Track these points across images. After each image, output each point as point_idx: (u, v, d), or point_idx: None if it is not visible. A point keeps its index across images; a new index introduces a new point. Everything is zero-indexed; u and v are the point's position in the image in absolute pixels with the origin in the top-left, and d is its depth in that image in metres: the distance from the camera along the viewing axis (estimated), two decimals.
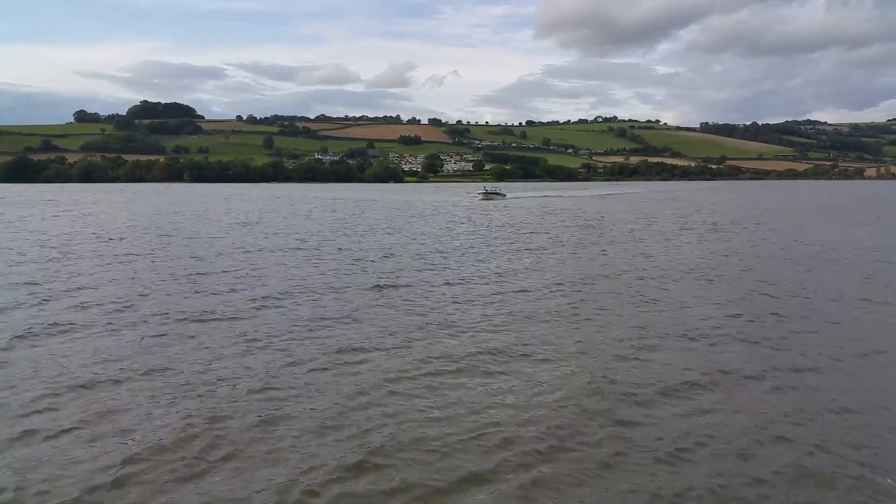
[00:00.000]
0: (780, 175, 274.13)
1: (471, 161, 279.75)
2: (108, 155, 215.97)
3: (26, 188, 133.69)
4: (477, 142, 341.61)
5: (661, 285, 18.48)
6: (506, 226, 41.56)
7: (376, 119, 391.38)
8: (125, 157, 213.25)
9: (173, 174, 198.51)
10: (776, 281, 19.26)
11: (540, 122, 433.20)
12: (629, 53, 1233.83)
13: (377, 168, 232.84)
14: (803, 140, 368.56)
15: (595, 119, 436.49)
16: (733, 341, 12.30)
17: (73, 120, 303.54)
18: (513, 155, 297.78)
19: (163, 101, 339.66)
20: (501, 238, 33.04)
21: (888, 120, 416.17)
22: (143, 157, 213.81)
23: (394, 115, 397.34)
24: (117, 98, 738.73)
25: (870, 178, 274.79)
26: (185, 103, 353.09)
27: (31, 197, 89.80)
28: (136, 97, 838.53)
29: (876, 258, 24.60)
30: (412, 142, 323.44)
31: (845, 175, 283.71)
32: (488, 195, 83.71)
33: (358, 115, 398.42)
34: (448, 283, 18.61)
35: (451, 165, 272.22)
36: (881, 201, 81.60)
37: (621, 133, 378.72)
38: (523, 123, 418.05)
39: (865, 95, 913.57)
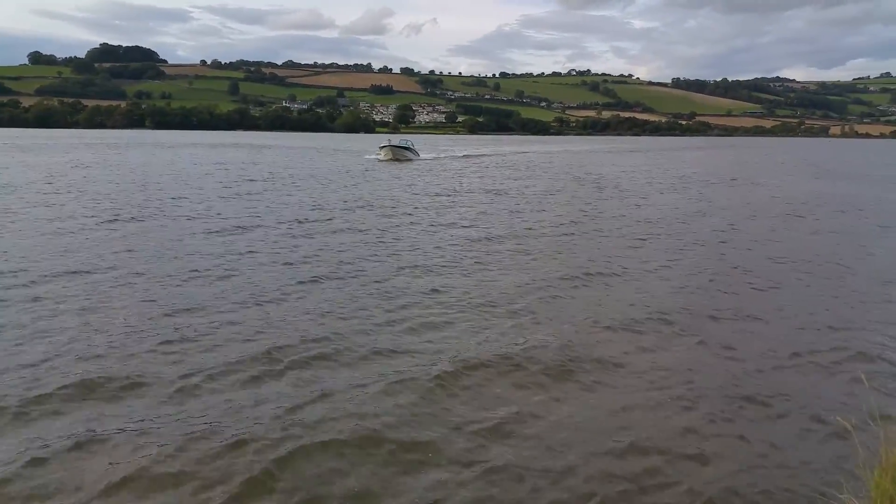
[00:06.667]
0: (747, 131, 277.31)
1: (443, 113, 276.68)
2: (65, 99, 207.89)
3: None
4: (450, 93, 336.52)
5: None
6: None
7: (346, 67, 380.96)
8: (84, 101, 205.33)
9: (135, 120, 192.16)
10: None
11: (514, 74, 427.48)
12: (609, 6, 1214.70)
13: (347, 118, 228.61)
14: (772, 97, 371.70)
15: (569, 72, 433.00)
16: None
17: (27, 62, 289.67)
18: (486, 107, 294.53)
19: (124, 44, 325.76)
20: None
21: (854, 79, 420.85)
22: (104, 103, 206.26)
23: (365, 63, 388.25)
24: (76, 40, 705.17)
25: (834, 136, 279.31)
26: (148, 47, 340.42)
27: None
28: (95, 39, 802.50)
29: None
30: (384, 91, 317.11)
31: (811, 133, 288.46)
32: (396, 152, 55.19)
33: (328, 62, 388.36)
34: None
35: (423, 117, 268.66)
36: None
37: (594, 87, 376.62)
38: (497, 75, 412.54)
39: (834, 54, 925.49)
